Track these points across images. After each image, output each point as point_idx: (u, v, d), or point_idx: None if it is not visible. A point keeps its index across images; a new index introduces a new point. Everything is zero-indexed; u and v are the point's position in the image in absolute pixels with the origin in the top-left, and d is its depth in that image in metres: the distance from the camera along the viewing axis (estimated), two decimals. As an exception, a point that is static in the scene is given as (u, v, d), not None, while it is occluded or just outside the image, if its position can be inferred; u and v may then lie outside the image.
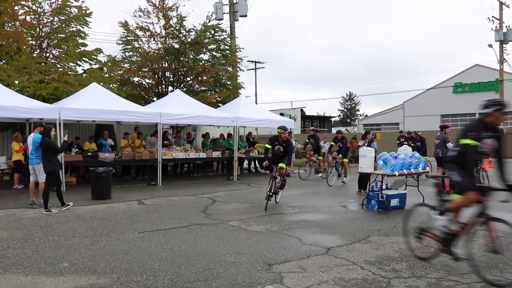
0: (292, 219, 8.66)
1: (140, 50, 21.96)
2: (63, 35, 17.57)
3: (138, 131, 17.10)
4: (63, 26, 17.60)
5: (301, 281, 4.93)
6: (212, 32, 22.41)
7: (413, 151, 11.52)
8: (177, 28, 21.71)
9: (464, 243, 5.32)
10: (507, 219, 5.03)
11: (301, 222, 8.40)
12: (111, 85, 18.45)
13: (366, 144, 11.91)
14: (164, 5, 21.53)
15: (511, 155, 31.98)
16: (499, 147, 5.24)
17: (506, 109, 5.14)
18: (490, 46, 32.98)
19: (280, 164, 10.08)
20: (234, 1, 26.54)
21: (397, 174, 9.78)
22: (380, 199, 9.76)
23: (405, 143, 16.59)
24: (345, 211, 9.70)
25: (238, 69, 23.83)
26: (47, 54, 17.39)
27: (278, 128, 10.43)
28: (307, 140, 18.09)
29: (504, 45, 33.13)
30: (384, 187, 10.01)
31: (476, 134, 5.09)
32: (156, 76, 22.28)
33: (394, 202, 9.84)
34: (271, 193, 9.94)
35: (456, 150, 5.46)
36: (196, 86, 22.73)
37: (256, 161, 19.99)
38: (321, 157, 17.35)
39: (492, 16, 33.22)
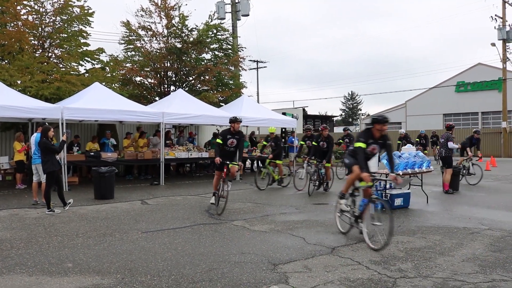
0: (296, 219, 8.63)
1: (142, 49, 21.97)
2: (65, 35, 17.57)
3: (141, 130, 17.09)
4: (65, 25, 17.61)
5: (307, 281, 4.90)
6: (214, 31, 22.40)
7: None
8: (179, 27, 21.71)
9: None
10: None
11: (305, 221, 8.37)
12: (113, 85, 18.45)
13: None
14: (166, 5, 21.53)
15: (514, 154, 31.94)
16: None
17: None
18: (493, 45, 32.86)
19: (231, 164, 9.31)
20: (236, 1, 26.54)
21: (400, 174, 9.73)
22: (384, 198, 9.72)
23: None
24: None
25: (240, 68, 23.82)
26: (50, 54, 17.40)
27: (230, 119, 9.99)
28: (340, 140, 17.58)
29: (507, 44, 32.98)
30: (388, 186, 9.97)
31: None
32: (158, 75, 22.28)
33: (398, 201, 9.80)
34: (217, 197, 9.48)
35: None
36: (199, 85, 22.72)
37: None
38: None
39: (495, 15, 33.09)
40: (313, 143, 12.55)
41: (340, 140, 17.65)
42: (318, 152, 12.40)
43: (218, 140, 9.75)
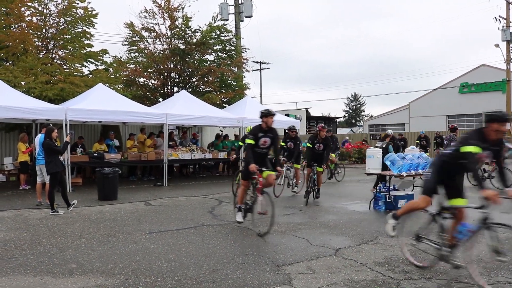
0: (299, 220, 8.62)
1: (145, 51, 21.99)
2: (69, 36, 17.61)
3: (149, 132, 17.12)
4: (69, 27, 17.65)
5: (310, 283, 4.89)
6: (218, 32, 22.40)
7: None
8: (183, 28, 21.72)
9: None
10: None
11: (308, 223, 8.36)
12: (117, 86, 18.47)
13: (383, 146, 11.80)
14: (170, 6, 21.55)
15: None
16: None
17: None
18: (497, 46, 32.77)
19: (267, 173, 7.54)
20: (240, 2, 26.55)
21: (404, 175, 9.72)
22: (387, 200, 9.71)
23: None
24: (352, 212, 9.65)
25: (243, 69, 23.82)
26: (53, 55, 17.44)
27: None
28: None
29: (511, 45, 32.90)
30: (391, 188, 9.95)
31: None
32: (162, 77, 22.30)
33: (402, 203, 9.76)
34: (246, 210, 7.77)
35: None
36: (202, 86, 22.73)
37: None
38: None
39: (499, 16, 33.04)
40: (308, 145, 11.15)
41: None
42: (314, 156, 11.04)
43: (249, 141, 7.81)
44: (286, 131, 13.22)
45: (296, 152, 12.43)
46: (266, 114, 8.19)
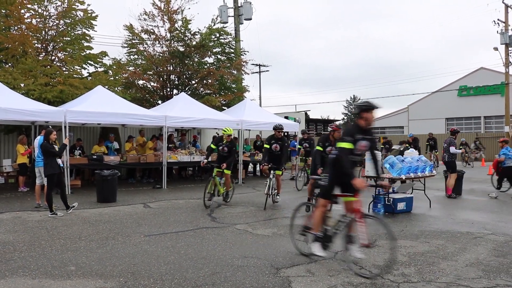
0: (298, 223, 8.59)
1: (145, 53, 21.98)
2: (69, 38, 17.62)
3: (142, 133, 17.12)
4: (69, 29, 17.66)
5: (310, 286, 4.89)
6: (217, 35, 22.42)
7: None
8: (182, 31, 21.73)
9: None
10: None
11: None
12: (116, 88, 18.49)
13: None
14: (169, 8, 21.56)
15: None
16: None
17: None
18: (496, 49, 32.84)
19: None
20: (239, 4, 26.58)
21: (403, 178, 9.72)
22: (386, 202, 9.71)
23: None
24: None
25: (243, 72, 23.83)
26: (53, 57, 17.44)
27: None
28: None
29: (509, 48, 32.93)
30: (390, 190, 9.95)
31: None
32: (161, 79, 22.30)
33: (401, 205, 9.77)
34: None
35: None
36: (201, 89, 22.73)
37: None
38: None
39: (498, 19, 33.06)
40: (318, 148, 9.35)
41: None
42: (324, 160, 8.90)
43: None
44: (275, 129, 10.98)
45: (284, 155, 10.95)
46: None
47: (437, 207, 10.63)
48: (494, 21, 33.90)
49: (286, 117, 24.62)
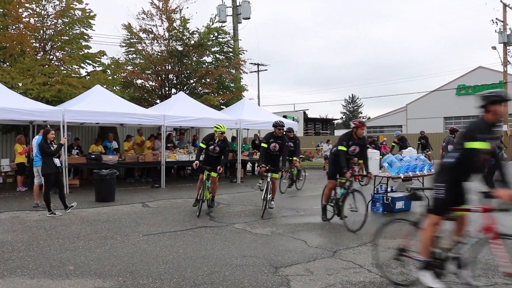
0: (297, 222, 8.62)
1: (143, 52, 21.96)
2: (67, 38, 17.58)
3: (140, 132, 17.10)
4: (67, 28, 17.62)
5: (308, 284, 4.89)
6: (216, 34, 22.40)
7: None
8: (181, 30, 21.71)
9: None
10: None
11: (306, 224, 8.36)
12: (115, 88, 18.45)
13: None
14: (168, 8, 21.54)
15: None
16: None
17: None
18: (494, 48, 32.84)
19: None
20: (237, 4, 26.57)
21: (402, 177, 9.73)
22: (385, 201, 9.72)
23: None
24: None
25: (241, 71, 23.82)
26: (51, 57, 17.41)
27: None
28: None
29: (508, 47, 32.95)
30: (389, 189, 9.96)
31: None
32: (160, 78, 22.28)
33: (400, 204, 9.78)
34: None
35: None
36: (200, 88, 22.72)
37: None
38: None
39: (496, 18, 33.07)
40: (342, 148, 7.99)
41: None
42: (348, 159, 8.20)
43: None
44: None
45: (284, 155, 10.04)
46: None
47: (436, 206, 10.61)
48: (492, 20, 33.89)
49: (285, 116, 24.67)
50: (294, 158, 12.94)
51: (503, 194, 4.07)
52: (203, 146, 9.64)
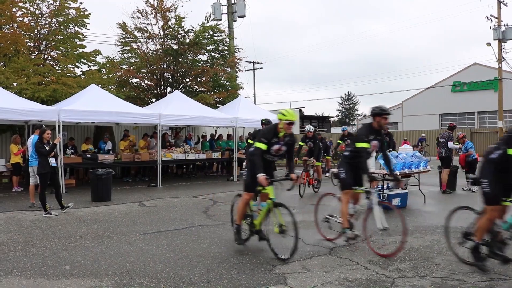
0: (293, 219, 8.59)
1: (138, 51, 21.90)
2: (61, 37, 17.52)
3: (126, 133, 16.88)
4: (61, 27, 17.56)
5: (305, 282, 4.90)
6: (211, 32, 22.36)
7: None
8: (176, 29, 21.66)
9: None
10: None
11: (302, 222, 8.35)
12: (110, 87, 18.40)
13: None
14: (162, 6, 21.48)
15: None
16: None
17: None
18: (489, 44, 33.01)
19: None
20: (232, 2, 26.54)
21: (398, 174, 9.75)
22: (381, 198, 9.73)
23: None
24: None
25: (237, 69, 23.80)
26: (46, 56, 17.34)
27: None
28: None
29: (502, 44, 33.13)
30: (385, 186, 9.99)
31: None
32: (155, 77, 22.23)
33: (396, 201, 9.81)
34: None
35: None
36: (195, 87, 22.68)
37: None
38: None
39: (491, 15, 33.23)
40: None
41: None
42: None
43: (262, 145, 6.05)
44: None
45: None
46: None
47: (432, 203, 10.68)
48: (487, 16, 34.11)
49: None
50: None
51: None
52: (264, 147, 6.05)
